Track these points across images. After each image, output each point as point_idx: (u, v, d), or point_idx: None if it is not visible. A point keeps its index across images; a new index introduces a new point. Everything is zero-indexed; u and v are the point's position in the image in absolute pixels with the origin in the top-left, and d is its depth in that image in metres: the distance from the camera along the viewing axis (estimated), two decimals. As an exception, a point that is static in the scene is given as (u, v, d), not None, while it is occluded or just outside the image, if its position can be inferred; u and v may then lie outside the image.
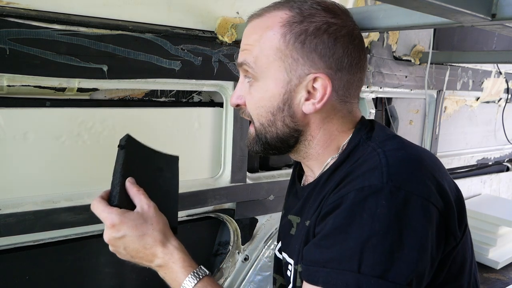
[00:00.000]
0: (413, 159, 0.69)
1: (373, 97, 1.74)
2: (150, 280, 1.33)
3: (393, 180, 0.64)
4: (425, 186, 0.65)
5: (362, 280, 0.60)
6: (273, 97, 0.78)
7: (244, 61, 0.80)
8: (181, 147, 1.23)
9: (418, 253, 0.62)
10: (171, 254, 0.80)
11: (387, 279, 0.60)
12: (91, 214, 1.11)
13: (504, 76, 2.31)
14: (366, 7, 0.97)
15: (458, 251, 0.71)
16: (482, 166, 2.54)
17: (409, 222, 0.62)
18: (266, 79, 0.78)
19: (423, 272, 0.63)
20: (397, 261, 0.61)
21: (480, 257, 1.99)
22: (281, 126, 0.79)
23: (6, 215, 0.98)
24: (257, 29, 0.79)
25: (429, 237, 0.64)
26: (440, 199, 0.66)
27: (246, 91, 0.82)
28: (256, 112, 0.81)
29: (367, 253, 0.61)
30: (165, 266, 0.80)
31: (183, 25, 1.14)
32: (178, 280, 0.79)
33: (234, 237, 1.44)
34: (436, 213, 0.65)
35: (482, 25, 0.69)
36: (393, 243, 0.61)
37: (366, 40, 1.62)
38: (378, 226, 0.62)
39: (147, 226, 0.80)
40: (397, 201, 0.62)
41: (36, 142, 1.00)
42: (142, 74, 1.08)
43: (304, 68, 0.76)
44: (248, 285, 1.47)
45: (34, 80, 0.95)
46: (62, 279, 1.16)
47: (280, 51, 0.76)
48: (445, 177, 0.71)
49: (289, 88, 0.77)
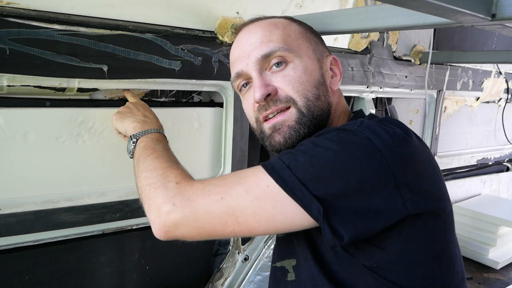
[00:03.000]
0: (390, 128, 0.72)
1: (373, 97, 1.74)
2: (150, 280, 1.34)
3: (363, 129, 0.69)
4: (383, 138, 0.67)
5: (284, 169, 0.67)
6: (313, 71, 0.84)
7: (274, 48, 0.81)
8: (181, 147, 1.23)
9: (340, 177, 0.65)
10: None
11: (299, 178, 0.66)
12: (91, 214, 1.12)
13: (504, 76, 2.31)
14: (366, 7, 0.97)
15: (429, 226, 0.70)
16: (482, 166, 2.54)
17: (348, 152, 0.66)
18: (302, 57, 0.83)
19: (337, 191, 0.66)
20: (315, 171, 0.66)
21: (480, 257, 1.99)
22: (324, 100, 0.84)
23: (6, 215, 0.98)
24: (268, 25, 0.85)
25: (360, 171, 0.65)
26: (397, 157, 0.66)
27: (272, 80, 0.82)
28: (302, 87, 0.81)
29: (299, 156, 0.68)
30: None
31: (183, 25, 1.14)
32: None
33: (234, 237, 1.44)
34: (383, 162, 0.65)
35: (482, 25, 0.69)
36: (321, 158, 0.67)
37: (366, 40, 1.62)
38: (321, 143, 0.69)
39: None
40: (350, 137, 0.68)
41: (36, 142, 1.00)
42: (142, 74, 1.08)
43: (323, 50, 0.88)
44: (248, 285, 1.47)
45: (34, 80, 0.94)
46: (62, 279, 1.16)
47: (304, 34, 0.86)
48: (421, 151, 0.72)
49: (320, 65, 0.86)
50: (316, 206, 0.64)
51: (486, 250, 1.98)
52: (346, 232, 0.65)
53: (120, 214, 1.16)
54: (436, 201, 0.71)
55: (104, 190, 1.13)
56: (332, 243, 0.66)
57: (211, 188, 0.71)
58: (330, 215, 0.65)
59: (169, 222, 0.70)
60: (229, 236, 0.71)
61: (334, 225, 0.65)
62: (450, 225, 0.75)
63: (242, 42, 0.85)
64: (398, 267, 0.69)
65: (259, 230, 0.69)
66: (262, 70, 0.83)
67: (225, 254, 1.46)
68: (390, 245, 0.68)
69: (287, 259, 0.83)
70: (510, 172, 2.75)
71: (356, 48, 1.60)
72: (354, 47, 1.59)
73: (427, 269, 0.71)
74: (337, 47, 1.54)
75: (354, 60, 1.57)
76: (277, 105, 0.81)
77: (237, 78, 0.87)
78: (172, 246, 1.36)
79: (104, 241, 1.20)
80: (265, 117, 0.83)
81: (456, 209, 2.19)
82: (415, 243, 0.69)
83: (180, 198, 0.71)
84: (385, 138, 0.67)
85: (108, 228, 1.17)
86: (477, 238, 2.03)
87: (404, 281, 0.69)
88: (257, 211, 0.67)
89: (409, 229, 0.68)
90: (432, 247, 0.71)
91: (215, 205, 0.69)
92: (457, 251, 0.78)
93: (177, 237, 0.72)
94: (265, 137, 0.85)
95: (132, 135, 0.94)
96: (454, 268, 0.75)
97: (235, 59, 0.87)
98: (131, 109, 1.02)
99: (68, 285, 1.18)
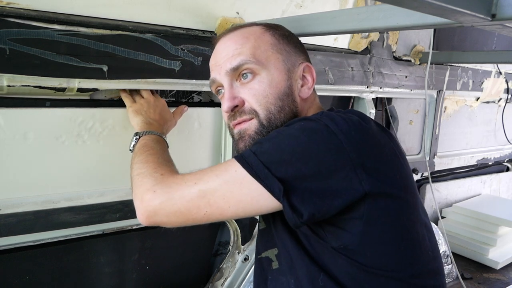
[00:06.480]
0: (348, 116, 0.77)
1: (373, 97, 1.74)
2: (150, 280, 1.34)
3: (322, 117, 0.75)
4: (339, 123, 0.73)
5: (250, 155, 0.74)
6: (279, 83, 0.88)
7: (242, 62, 0.87)
8: (181, 147, 1.23)
9: (300, 160, 0.71)
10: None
11: (263, 162, 0.72)
12: (91, 214, 1.12)
13: (504, 76, 2.31)
14: (366, 7, 0.96)
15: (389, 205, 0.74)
16: (482, 166, 2.54)
17: (307, 137, 0.72)
18: (269, 69, 0.88)
19: (297, 173, 0.71)
20: (277, 155, 0.73)
21: (480, 257, 1.99)
22: (288, 111, 0.88)
23: (6, 215, 0.99)
24: (240, 37, 0.90)
25: (317, 153, 0.71)
26: (352, 140, 0.72)
27: (240, 92, 0.89)
28: (265, 101, 0.87)
29: (265, 143, 0.75)
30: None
31: (183, 25, 1.14)
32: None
33: (234, 237, 1.44)
34: (339, 145, 0.71)
35: (482, 25, 0.69)
36: (283, 144, 0.73)
37: (366, 40, 1.62)
38: (285, 131, 0.75)
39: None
40: (310, 124, 0.74)
41: (36, 142, 1.00)
42: (142, 74, 1.08)
43: (295, 59, 0.92)
44: (248, 285, 1.47)
45: (34, 80, 0.94)
46: (62, 279, 1.17)
47: (275, 45, 0.90)
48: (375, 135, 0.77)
49: (289, 75, 0.89)
50: (278, 186, 0.70)
51: (486, 250, 1.98)
52: (305, 210, 0.70)
53: (120, 214, 1.16)
54: (395, 182, 0.76)
55: (104, 190, 1.13)
56: (293, 221, 0.72)
57: (188, 177, 0.78)
58: (291, 195, 0.70)
59: (149, 207, 0.78)
60: (202, 219, 0.77)
61: (294, 203, 0.70)
62: (413, 207, 0.79)
63: (217, 52, 0.92)
64: (363, 248, 0.74)
65: (229, 211, 0.75)
66: (233, 81, 0.90)
67: (225, 254, 1.46)
68: (353, 227, 0.73)
69: (270, 249, 0.88)
70: (510, 172, 2.75)
71: (356, 48, 1.60)
72: (354, 47, 1.59)
73: (391, 249, 0.75)
74: (337, 47, 1.54)
75: (354, 60, 1.58)
76: (242, 116, 0.89)
77: (213, 83, 0.95)
78: (172, 246, 1.36)
79: (104, 241, 1.20)
80: (235, 125, 0.91)
81: (456, 209, 2.19)
82: (377, 224, 0.73)
83: (161, 186, 0.79)
84: (340, 123, 0.73)
85: (108, 228, 1.17)
86: (477, 238, 2.03)
87: (371, 262, 0.74)
88: (226, 194, 0.74)
89: (370, 210, 0.72)
90: (395, 228, 0.75)
91: (189, 189, 0.76)
92: (424, 232, 0.81)
93: (157, 223, 0.79)
94: (234, 142, 0.93)
95: (137, 132, 1.03)
96: (420, 248, 0.78)
97: (212, 66, 0.95)
98: (148, 108, 1.09)
99: (68, 285, 1.18)
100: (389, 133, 0.84)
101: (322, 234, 0.76)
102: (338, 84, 1.52)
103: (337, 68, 1.51)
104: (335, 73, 1.50)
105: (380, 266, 0.74)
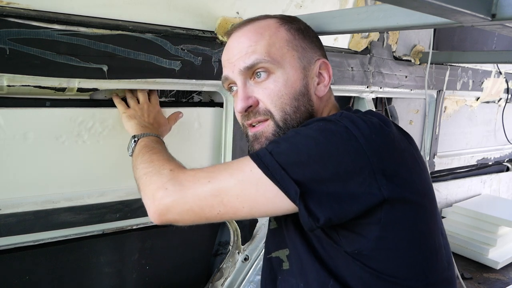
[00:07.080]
0: (368, 118, 0.74)
1: (373, 97, 1.74)
2: (150, 280, 1.34)
3: (342, 119, 0.72)
4: (360, 126, 0.70)
5: (266, 155, 0.71)
6: (295, 82, 0.84)
7: (256, 60, 0.83)
8: (181, 147, 1.23)
9: (318, 162, 0.69)
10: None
11: (279, 163, 0.70)
12: (91, 214, 1.12)
13: (504, 76, 2.31)
14: (366, 7, 0.96)
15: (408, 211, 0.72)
16: (482, 166, 2.54)
17: (326, 139, 0.70)
18: (284, 68, 0.84)
19: (314, 175, 0.69)
20: (294, 156, 0.70)
21: (480, 257, 1.99)
22: (304, 111, 0.85)
23: (6, 215, 0.98)
24: (254, 33, 0.85)
25: (336, 156, 0.69)
26: (372, 144, 0.69)
27: (254, 91, 0.85)
28: (280, 102, 0.84)
29: (282, 143, 0.73)
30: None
31: (183, 25, 1.14)
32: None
33: (234, 237, 1.44)
34: (359, 148, 0.68)
35: (482, 25, 0.69)
36: (301, 145, 0.71)
37: (366, 40, 1.62)
38: (303, 132, 0.73)
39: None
40: (329, 126, 0.72)
41: (36, 142, 1.00)
42: (142, 74, 1.08)
43: (311, 55, 0.88)
44: (248, 285, 1.47)
45: (34, 80, 0.94)
46: (62, 279, 1.17)
47: (291, 42, 0.86)
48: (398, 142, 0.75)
49: (305, 73, 0.86)
50: (294, 189, 0.68)
51: (486, 250, 1.98)
52: (322, 214, 0.68)
53: (120, 214, 1.16)
54: (414, 188, 0.73)
55: (104, 190, 1.13)
56: (308, 225, 0.69)
57: (201, 174, 0.76)
58: (307, 198, 0.68)
59: (161, 206, 0.76)
60: (216, 218, 0.76)
61: (310, 206, 0.68)
62: (431, 214, 0.77)
63: (230, 49, 0.89)
64: (378, 254, 0.72)
65: (243, 211, 0.73)
66: (247, 80, 0.86)
67: (225, 254, 1.46)
68: (370, 232, 0.71)
69: (281, 249, 0.87)
70: (510, 172, 2.75)
71: (356, 48, 1.60)
72: (354, 47, 1.59)
73: (407, 257, 0.73)
74: (337, 47, 1.54)
75: (354, 60, 1.57)
76: (256, 117, 0.86)
77: (226, 80, 0.92)
78: (172, 246, 1.36)
79: (104, 241, 1.20)
80: (249, 124, 0.88)
81: (456, 209, 2.19)
82: (394, 230, 0.71)
83: (173, 183, 0.76)
84: (361, 126, 0.70)
85: (108, 228, 1.17)
86: (477, 238, 2.03)
87: (385, 268, 0.72)
88: (240, 193, 0.72)
89: (388, 216, 0.70)
90: (412, 235, 0.73)
91: (202, 188, 0.74)
92: (440, 240, 0.79)
93: (170, 221, 0.77)
94: (249, 142, 0.91)
95: (134, 135, 1.01)
96: (437, 256, 0.76)
97: (224, 62, 0.91)
98: (142, 113, 1.09)
99: (68, 285, 1.18)
100: (409, 136, 0.81)
101: (336, 238, 0.74)
102: (338, 84, 1.52)
103: (337, 68, 1.51)
104: (335, 73, 1.50)
105: (393, 273, 0.72)
